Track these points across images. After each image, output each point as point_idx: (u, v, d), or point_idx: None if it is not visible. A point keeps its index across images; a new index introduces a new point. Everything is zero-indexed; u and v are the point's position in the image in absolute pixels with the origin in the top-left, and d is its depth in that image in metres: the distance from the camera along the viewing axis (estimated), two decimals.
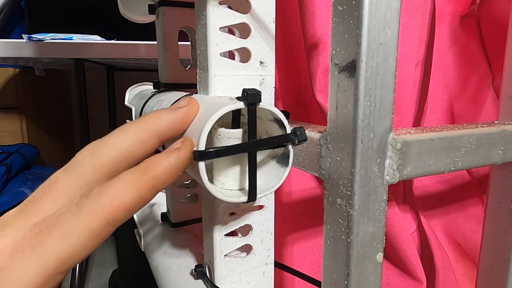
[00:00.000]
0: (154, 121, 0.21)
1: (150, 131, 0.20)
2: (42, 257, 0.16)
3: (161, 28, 0.39)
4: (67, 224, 0.16)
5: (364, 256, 0.20)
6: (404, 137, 0.21)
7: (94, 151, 0.19)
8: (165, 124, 0.21)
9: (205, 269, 0.32)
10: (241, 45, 0.27)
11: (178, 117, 0.22)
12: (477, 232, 0.48)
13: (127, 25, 0.53)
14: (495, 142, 0.25)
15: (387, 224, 0.40)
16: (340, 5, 0.19)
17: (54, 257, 0.16)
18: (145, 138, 0.20)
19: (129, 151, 0.20)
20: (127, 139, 0.20)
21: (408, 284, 0.43)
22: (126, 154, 0.20)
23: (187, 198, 0.46)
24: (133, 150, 0.20)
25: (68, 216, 0.17)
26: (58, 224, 0.16)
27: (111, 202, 0.17)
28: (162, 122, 0.21)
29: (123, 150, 0.19)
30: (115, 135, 0.20)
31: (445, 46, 0.44)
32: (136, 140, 0.20)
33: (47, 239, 0.16)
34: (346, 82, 0.19)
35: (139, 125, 0.20)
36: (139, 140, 0.20)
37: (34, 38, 0.84)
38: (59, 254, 0.16)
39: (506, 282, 0.30)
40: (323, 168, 0.22)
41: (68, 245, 0.16)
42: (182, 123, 0.22)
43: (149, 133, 0.20)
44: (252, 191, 0.22)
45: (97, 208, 0.17)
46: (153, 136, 0.20)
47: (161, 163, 0.19)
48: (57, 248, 0.16)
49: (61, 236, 0.16)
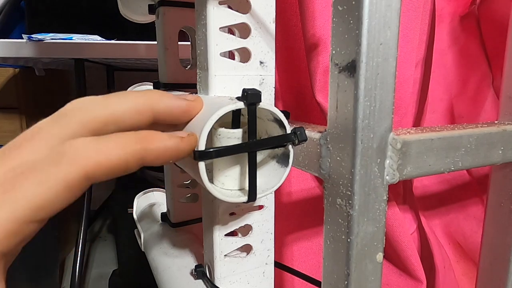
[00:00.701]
0: (156, 98, 0.20)
1: (149, 105, 0.20)
2: (14, 203, 0.15)
3: (161, 28, 0.39)
4: (44, 171, 0.16)
5: (364, 256, 0.20)
6: (404, 137, 0.21)
7: (86, 105, 0.19)
8: (165, 106, 0.21)
9: (205, 269, 0.32)
10: (241, 45, 0.27)
11: (180, 105, 0.21)
12: (477, 232, 0.48)
13: (127, 25, 0.53)
14: (495, 142, 0.25)
15: (387, 224, 0.40)
16: (340, 5, 0.19)
17: (27, 204, 0.15)
18: (142, 109, 0.20)
19: (121, 116, 0.19)
20: (124, 103, 0.19)
21: (408, 284, 0.43)
22: (118, 117, 0.19)
23: (187, 198, 0.46)
24: (126, 116, 0.19)
25: (46, 163, 0.16)
26: (34, 170, 0.16)
27: (96, 155, 0.17)
28: (163, 103, 0.21)
29: (116, 112, 0.19)
30: (113, 96, 0.19)
31: (445, 46, 0.44)
32: (133, 108, 0.19)
33: (21, 185, 0.15)
34: (346, 82, 0.19)
35: (140, 96, 0.20)
36: (136, 109, 0.20)
37: (34, 38, 0.84)
38: (32, 201, 0.15)
39: (506, 282, 0.30)
40: (323, 168, 0.22)
41: (42, 192, 0.15)
42: (181, 112, 0.21)
43: (147, 107, 0.20)
44: (252, 191, 0.23)
45: (79, 158, 0.16)
46: (150, 111, 0.20)
47: (159, 141, 0.19)
48: (31, 194, 0.15)
49: (37, 182, 0.15)
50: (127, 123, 0.19)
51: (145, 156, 0.18)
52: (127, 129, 0.19)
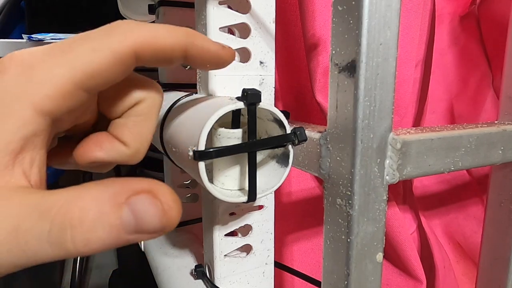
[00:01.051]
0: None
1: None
2: (71, 63, 0.16)
3: None
4: (97, 40, 0.16)
5: (364, 256, 0.20)
6: (404, 137, 0.21)
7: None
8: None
9: (205, 269, 0.32)
10: (241, 45, 0.27)
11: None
12: (477, 232, 0.48)
13: None
14: (495, 142, 0.25)
15: (387, 224, 0.40)
16: (340, 5, 0.19)
17: (81, 67, 0.16)
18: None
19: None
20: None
21: (408, 284, 0.43)
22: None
23: (187, 198, 0.46)
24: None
25: (100, 34, 0.17)
26: (89, 38, 0.16)
27: (146, 33, 0.17)
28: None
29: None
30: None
31: (445, 46, 0.44)
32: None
33: (77, 49, 0.16)
34: (346, 82, 0.19)
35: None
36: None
37: (34, 38, 0.84)
38: (86, 65, 0.16)
39: (506, 282, 0.30)
40: (323, 168, 0.22)
41: (94, 58, 0.16)
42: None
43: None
44: (252, 191, 0.23)
45: (131, 33, 0.17)
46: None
47: (204, 40, 0.19)
48: (85, 58, 0.16)
49: (90, 49, 0.16)
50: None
51: (190, 49, 0.18)
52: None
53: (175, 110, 0.27)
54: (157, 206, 0.14)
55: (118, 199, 0.14)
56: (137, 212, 0.14)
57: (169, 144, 0.26)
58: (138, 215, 0.14)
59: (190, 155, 0.20)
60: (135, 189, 0.14)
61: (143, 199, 0.14)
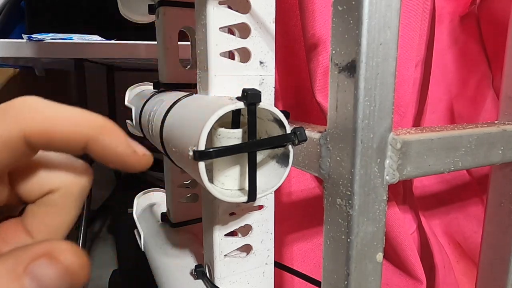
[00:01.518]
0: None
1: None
2: None
3: (161, 28, 0.39)
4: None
5: (364, 256, 0.20)
6: (404, 137, 0.21)
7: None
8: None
9: (205, 269, 0.32)
10: (241, 45, 0.27)
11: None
12: (477, 232, 0.48)
13: (127, 25, 0.53)
14: (495, 142, 0.25)
15: (387, 224, 0.40)
16: (340, 5, 0.19)
17: None
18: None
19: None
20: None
21: (408, 284, 0.43)
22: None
23: (187, 198, 0.46)
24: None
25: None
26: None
27: (39, 123, 0.15)
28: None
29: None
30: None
31: (445, 46, 0.44)
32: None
33: None
34: (346, 82, 0.19)
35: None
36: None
37: (34, 38, 0.84)
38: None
39: (506, 282, 0.30)
40: (323, 168, 0.22)
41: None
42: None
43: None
44: (252, 191, 0.23)
45: (22, 120, 0.15)
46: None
47: (116, 138, 0.16)
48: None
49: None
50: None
51: (91, 144, 0.16)
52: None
53: (175, 110, 0.27)
54: (56, 267, 0.14)
55: (17, 271, 0.13)
56: (38, 278, 0.13)
57: (169, 144, 0.26)
58: (39, 281, 0.13)
59: (190, 155, 0.20)
60: (33, 256, 0.14)
61: (41, 264, 0.14)
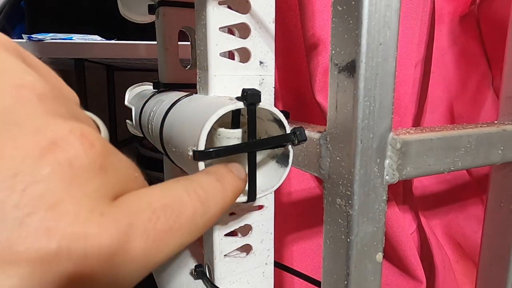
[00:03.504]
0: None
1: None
2: None
3: (161, 28, 0.39)
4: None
5: (364, 256, 0.20)
6: (403, 137, 0.21)
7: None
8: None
9: (205, 269, 0.32)
10: (241, 45, 0.27)
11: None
12: (477, 232, 0.48)
13: (127, 25, 0.53)
14: (495, 142, 0.25)
15: (387, 224, 0.40)
16: (340, 5, 0.19)
17: None
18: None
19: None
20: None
21: (408, 284, 0.43)
22: None
23: None
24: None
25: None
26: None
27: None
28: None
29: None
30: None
31: (445, 46, 0.44)
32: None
33: None
34: (346, 82, 0.19)
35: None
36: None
37: (34, 38, 0.84)
38: None
39: (506, 282, 0.30)
40: (323, 168, 0.22)
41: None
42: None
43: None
44: (252, 191, 0.22)
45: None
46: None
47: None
48: None
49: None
50: None
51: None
52: None
53: (175, 110, 0.27)
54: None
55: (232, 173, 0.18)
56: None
57: (169, 144, 0.26)
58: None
59: (190, 155, 0.20)
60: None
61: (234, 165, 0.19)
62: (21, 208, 0.10)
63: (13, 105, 0.12)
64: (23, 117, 0.11)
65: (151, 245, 0.12)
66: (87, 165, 0.12)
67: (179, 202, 0.14)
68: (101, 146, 0.12)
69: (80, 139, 0.12)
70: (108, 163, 0.13)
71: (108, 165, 0.13)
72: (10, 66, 0.13)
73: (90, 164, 0.12)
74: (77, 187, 0.11)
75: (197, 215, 0.15)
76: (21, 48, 0.15)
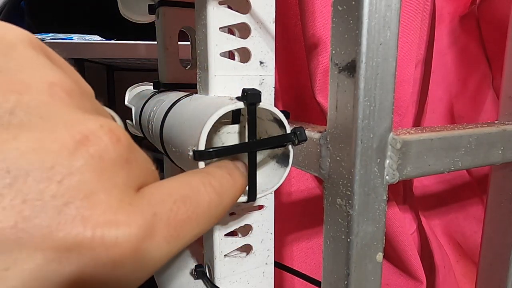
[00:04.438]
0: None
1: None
2: None
3: (161, 28, 0.39)
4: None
5: (364, 256, 0.20)
6: (404, 137, 0.21)
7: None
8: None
9: (205, 269, 0.32)
10: (241, 45, 0.27)
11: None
12: (477, 232, 0.48)
13: (127, 25, 0.53)
14: (495, 142, 0.25)
15: (387, 224, 0.40)
16: (340, 5, 0.19)
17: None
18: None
19: None
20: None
21: (408, 284, 0.43)
22: None
23: None
24: None
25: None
26: None
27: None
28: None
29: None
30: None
31: (445, 46, 0.44)
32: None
33: None
34: (346, 82, 0.19)
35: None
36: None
37: None
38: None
39: (506, 282, 0.30)
40: (323, 168, 0.22)
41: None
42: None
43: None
44: (252, 191, 0.22)
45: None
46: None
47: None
48: None
49: None
50: None
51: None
52: None
53: (175, 110, 0.27)
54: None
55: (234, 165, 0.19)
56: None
57: (169, 144, 0.26)
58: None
59: (190, 155, 0.20)
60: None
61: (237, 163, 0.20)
62: (58, 198, 0.11)
63: (48, 101, 0.12)
64: (58, 112, 0.12)
65: (172, 234, 0.13)
66: (115, 158, 0.12)
67: (197, 193, 0.15)
68: (126, 141, 0.13)
69: (108, 134, 0.13)
70: (132, 157, 0.13)
71: (132, 158, 0.13)
72: (41, 64, 0.13)
73: (118, 158, 0.13)
74: (107, 179, 0.12)
75: (212, 205, 0.16)
76: (46, 46, 0.15)
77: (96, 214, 0.11)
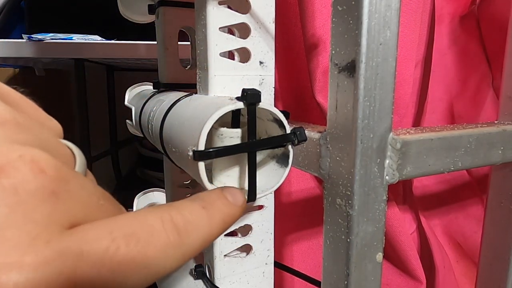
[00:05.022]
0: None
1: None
2: None
3: (161, 28, 0.39)
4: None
5: (364, 256, 0.20)
6: (403, 137, 0.21)
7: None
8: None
9: (205, 269, 0.32)
10: (241, 45, 0.27)
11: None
12: (477, 232, 0.48)
13: (127, 25, 0.53)
14: (495, 142, 0.25)
15: (387, 224, 0.40)
16: (340, 5, 0.19)
17: None
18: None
19: None
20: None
21: (408, 284, 0.43)
22: None
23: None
24: None
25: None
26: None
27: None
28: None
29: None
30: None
31: (445, 46, 0.44)
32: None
33: None
34: (346, 82, 0.19)
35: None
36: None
37: (34, 38, 0.84)
38: None
39: (506, 282, 0.30)
40: (323, 168, 0.22)
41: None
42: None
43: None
44: (251, 191, 0.22)
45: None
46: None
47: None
48: None
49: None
50: None
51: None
52: None
53: (175, 110, 0.27)
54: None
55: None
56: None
57: (169, 144, 0.26)
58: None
59: (190, 155, 0.20)
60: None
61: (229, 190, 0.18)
62: None
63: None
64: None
65: (105, 275, 0.12)
66: (34, 190, 0.11)
67: (150, 231, 0.13)
68: (54, 172, 0.12)
69: (29, 164, 0.12)
70: (62, 190, 0.12)
71: (62, 191, 0.12)
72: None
73: (39, 190, 0.11)
74: (21, 214, 0.11)
75: (170, 245, 0.14)
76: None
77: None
